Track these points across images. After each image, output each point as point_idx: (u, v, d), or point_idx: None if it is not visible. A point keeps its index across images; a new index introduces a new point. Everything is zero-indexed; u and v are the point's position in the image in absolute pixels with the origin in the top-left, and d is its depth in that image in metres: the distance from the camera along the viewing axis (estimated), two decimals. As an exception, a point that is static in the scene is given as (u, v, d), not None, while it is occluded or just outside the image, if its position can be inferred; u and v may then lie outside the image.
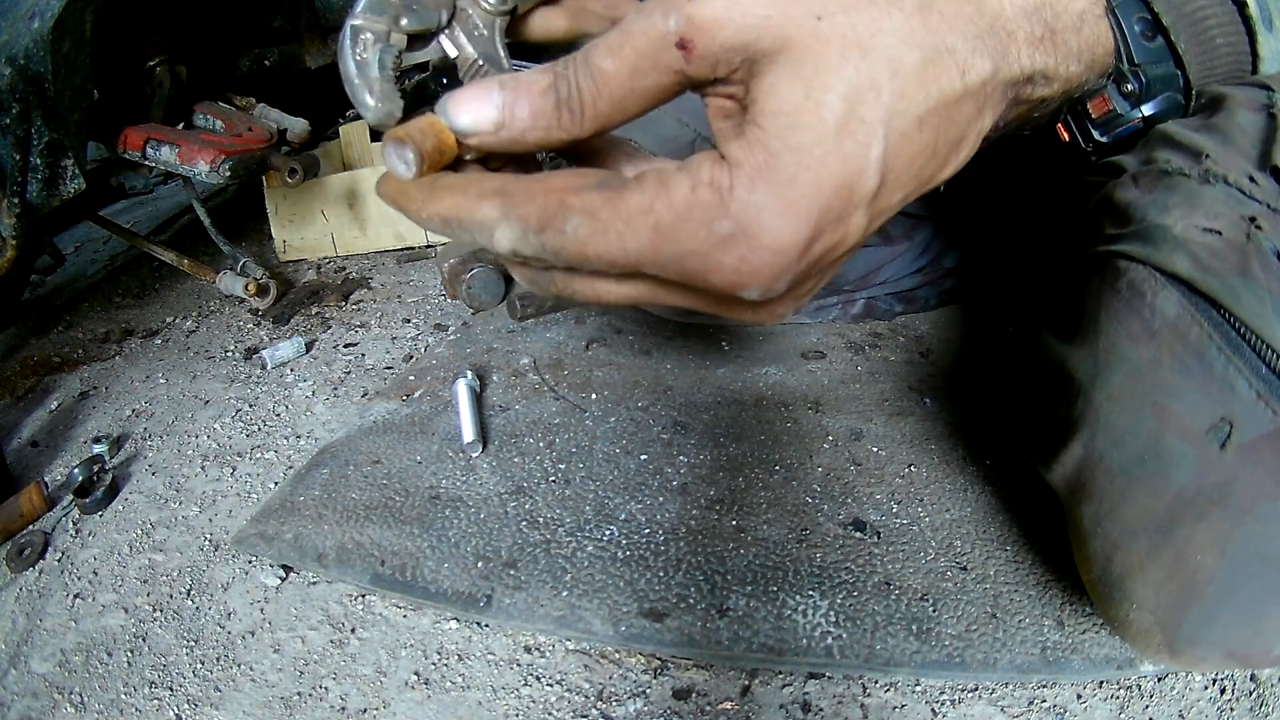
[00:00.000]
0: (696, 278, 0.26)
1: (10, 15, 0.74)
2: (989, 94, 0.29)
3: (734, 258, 0.25)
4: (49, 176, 0.77)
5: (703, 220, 0.25)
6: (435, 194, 0.28)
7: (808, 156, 0.25)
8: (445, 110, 0.28)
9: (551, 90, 0.27)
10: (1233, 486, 0.33)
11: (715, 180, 0.25)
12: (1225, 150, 0.37)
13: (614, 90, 0.27)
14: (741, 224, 0.25)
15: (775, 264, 0.26)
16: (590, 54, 0.27)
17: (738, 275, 0.26)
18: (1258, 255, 0.33)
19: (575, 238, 0.26)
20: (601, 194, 0.26)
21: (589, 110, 0.27)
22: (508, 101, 0.28)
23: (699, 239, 0.25)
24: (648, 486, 0.57)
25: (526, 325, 0.82)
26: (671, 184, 0.26)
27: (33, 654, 0.51)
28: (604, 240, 0.26)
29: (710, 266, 0.26)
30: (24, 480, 0.67)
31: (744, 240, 0.25)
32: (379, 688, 0.46)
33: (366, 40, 0.29)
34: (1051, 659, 0.43)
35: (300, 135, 1.03)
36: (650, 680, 0.46)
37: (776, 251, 0.25)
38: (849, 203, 0.26)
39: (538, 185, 0.27)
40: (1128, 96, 0.40)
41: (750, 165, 0.25)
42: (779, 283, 0.26)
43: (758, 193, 0.25)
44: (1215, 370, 0.34)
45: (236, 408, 0.76)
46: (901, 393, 0.67)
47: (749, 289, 0.26)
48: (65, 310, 1.04)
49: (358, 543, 0.54)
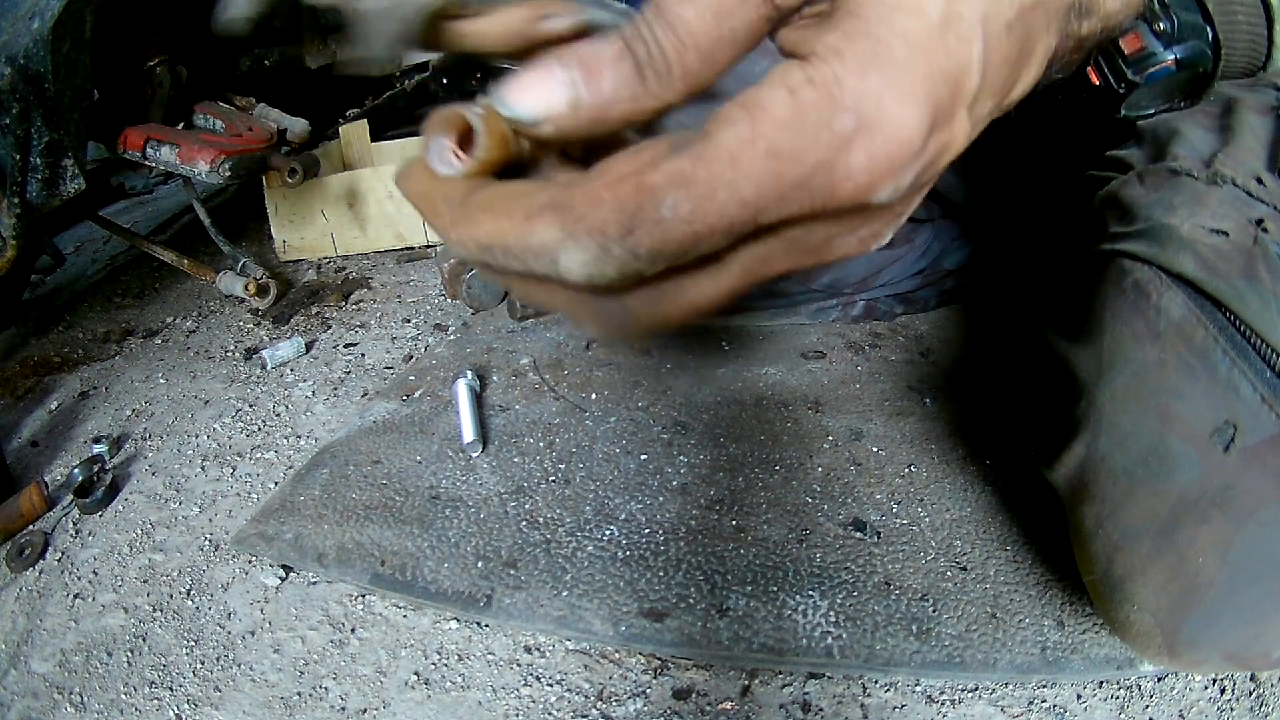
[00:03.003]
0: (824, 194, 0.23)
1: (10, 15, 0.74)
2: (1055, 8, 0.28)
3: (862, 155, 0.22)
4: (49, 176, 0.77)
5: (821, 121, 0.21)
6: (469, 214, 0.24)
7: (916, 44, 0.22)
8: (503, 100, 0.24)
9: (627, 54, 0.24)
10: (1235, 490, 0.33)
11: (816, 77, 0.22)
12: (1233, 151, 0.37)
13: (699, 40, 0.24)
14: (862, 115, 0.22)
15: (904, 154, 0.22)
16: (664, 4, 0.23)
17: (869, 175, 0.22)
18: (1264, 258, 0.33)
19: (678, 218, 0.22)
20: (685, 155, 0.22)
21: (676, 68, 0.24)
22: (579, 78, 0.24)
23: (823, 144, 0.22)
24: (648, 486, 0.57)
25: (526, 325, 0.82)
26: (764, 100, 0.22)
27: (33, 654, 0.51)
28: (715, 201, 0.22)
29: (839, 174, 0.22)
30: (24, 480, 0.67)
31: (869, 132, 0.22)
32: (379, 688, 0.46)
33: None
34: (1051, 659, 0.43)
35: (300, 135, 1.03)
36: (650, 680, 0.46)
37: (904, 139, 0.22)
38: (957, 99, 0.24)
39: (598, 184, 0.22)
40: (1160, 36, 0.39)
41: (856, 53, 0.22)
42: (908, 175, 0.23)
43: (871, 78, 0.22)
44: (1220, 373, 0.33)
45: (236, 408, 0.76)
46: (901, 393, 0.67)
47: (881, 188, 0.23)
48: (65, 310, 1.04)
49: (358, 543, 0.53)
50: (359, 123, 1.24)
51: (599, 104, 0.24)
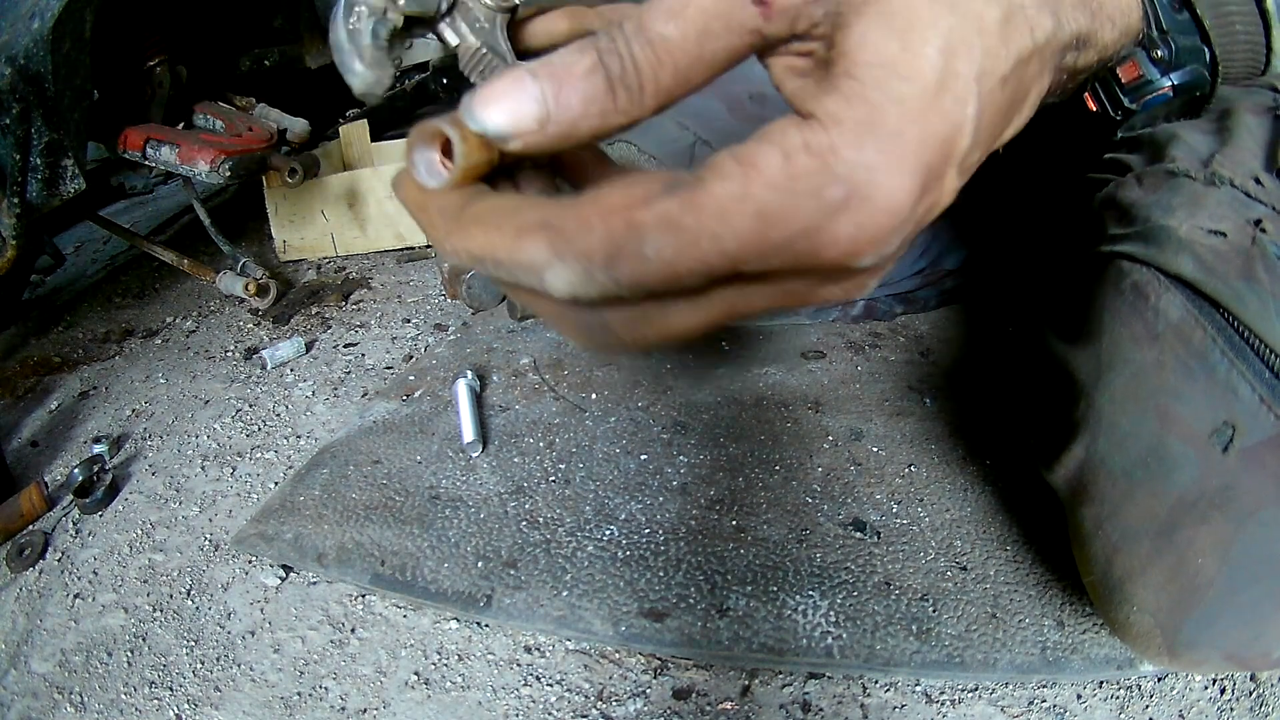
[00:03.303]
0: (808, 258, 0.23)
1: (10, 15, 0.74)
2: (1051, 53, 0.28)
3: (850, 225, 0.22)
4: (49, 176, 0.77)
5: (810, 190, 0.22)
6: (462, 227, 0.24)
7: (912, 110, 0.22)
8: (471, 111, 0.24)
9: (598, 68, 0.24)
10: (1235, 490, 0.33)
11: (812, 143, 0.22)
12: (1231, 152, 0.37)
13: (678, 59, 0.24)
14: (854, 186, 0.22)
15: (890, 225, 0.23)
16: (645, 20, 0.24)
17: (855, 244, 0.23)
18: (1262, 258, 0.33)
19: (661, 259, 0.22)
20: (674, 198, 0.22)
21: (650, 86, 0.24)
22: (548, 90, 0.23)
23: (809, 212, 0.22)
24: (648, 486, 0.57)
25: (526, 325, 0.82)
26: (759, 159, 0.22)
27: (33, 654, 0.51)
28: (697, 250, 0.22)
29: (824, 241, 0.23)
30: (24, 480, 0.67)
31: (858, 204, 0.22)
32: (379, 688, 0.46)
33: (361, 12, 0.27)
34: (1051, 659, 0.43)
35: (300, 135, 1.03)
36: (650, 680, 0.46)
37: (892, 211, 0.23)
38: (947, 161, 0.24)
39: (590, 209, 0.23)
40: (1157, 63, 0.39)
41: (852, 120, 0.22)
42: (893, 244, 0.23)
43: (866, 150, 0.22)
44: (1218, 374, 0.33)
45: (236, 408, 0.76)
46: (901, 393, 0.67)
47: (865, 256, 0.23)
48: (65, 310, 1.04)
49: (358, 543, 0.54)
50: (359, 123, 1.24)
51: (567, 120, 0.24)
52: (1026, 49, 0.26)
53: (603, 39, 0.24)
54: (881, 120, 0.22)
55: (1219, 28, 0.38)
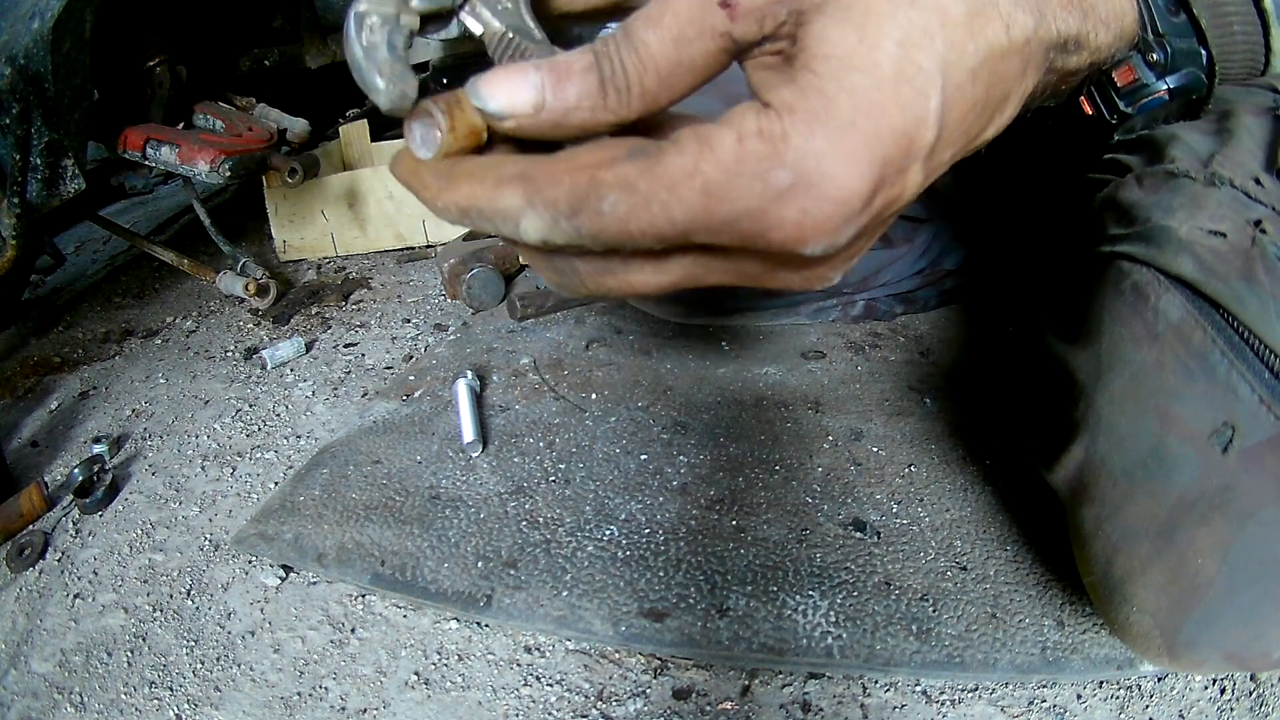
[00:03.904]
0: (754, 238, 0.24)
1: (10, 15, 0.74)
2: (1032, 52, 0.28)
3: (795, 211, 0.23)
4: (49, 176, 0.77)
5: (756, 173, 0.23)
6: (451, 181, 0.26)
7: (867, 101, 0.23)
8: (476, 91, 0.26)
9: (594, 69, 0.25)
10: (1234, 491, 0.33)
11: (765, 129, 0.23)
12: (1231, 152, 0.37)
13: (659, 64, 0.25)
14: (801, 173, 0.23)
15: (840, 214, 0.24)
16: (631, 27, 0.25)
17: (800, 230, 0.24)
18: (1262, 259, 0.33)
19: (615, 216, 0.24)
20: (636, 164, 0.24)
21: (635, 88, 0.25)
22: (547, 82, 0.25)
23: (754, 194, 0.23)
24: (648, 486, 0.57)
25: (526, 325, 0.82)
26: (714, 139, 0.24)
27: (33, 654, 0.51)
28: (648, 214, 0.24)
29: (769, 224, 0.24)
30: (24, 480, 0.67)
31: (805, 191, 0.23)
32: (379, 688, 0.46)
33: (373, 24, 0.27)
34: (1051, 659, 0.43)
35: (300, 135, 1.03)
36: (650, 680, 0.46)
37: (841, 201, 0.23)
38: (909, 153, 0.24)
39: (563, 165, 0.25)
40: (1153, 66, 0.39)
41: (805, 110, 0.23)
42: (843, 234, 0.24)
43: (816, 138, 0.23)
44: (1218, 374, 0.33)
45: (236, 408, 0.76)
46: (901, 393, 0.67)
47: (813, 244, 0.24)
48: (65, 310, 1.04)
49: (358, 543, 0.54)
50: (359, 123, 1.24)
51: (560, 110, 0.26)
52: (1000, 45, 0.26)
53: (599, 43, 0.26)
54: (834, 110, 0.23)
55: (1216, 28, 0.38)
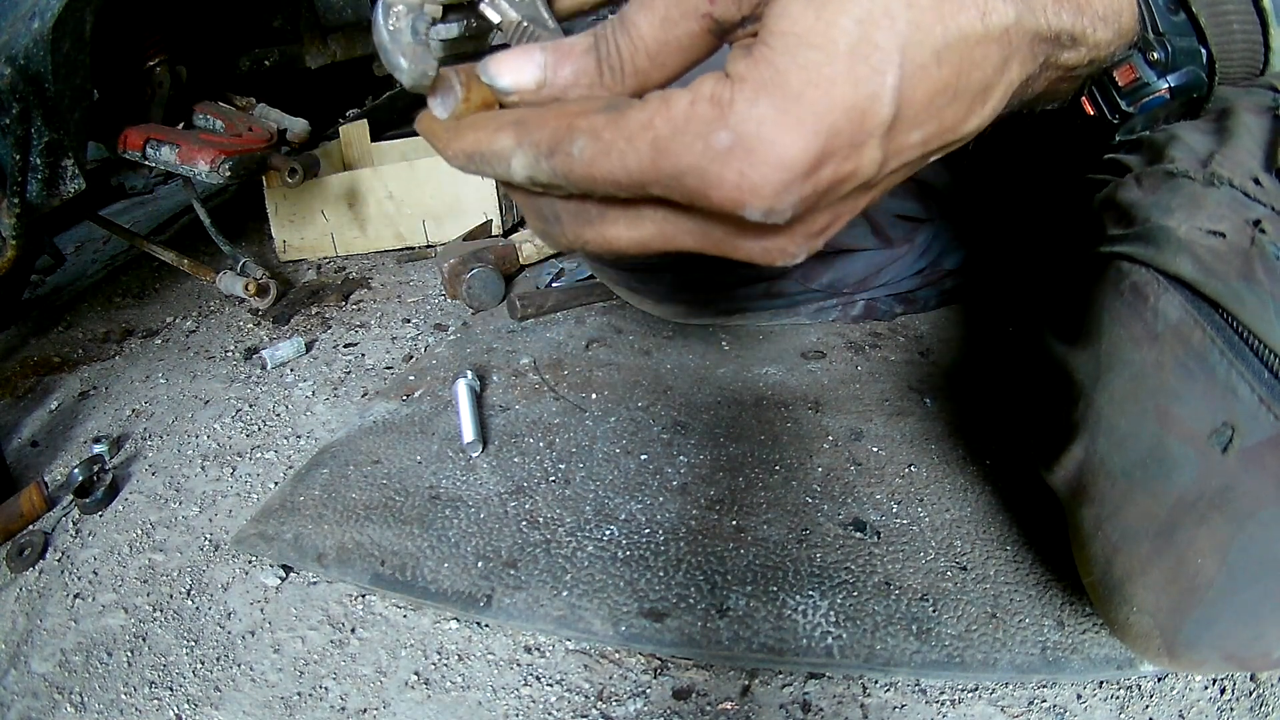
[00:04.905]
0: (697, 195, 0.26)
1: (10, 15, 0.74)
2: (1014, 43, 0.29)
3: (733, 172, 0.25)
4: (49, 176, 0.77)
5: (699, 133, 0.25)
6: (459, 131, 0.29)
7: (816, 74, 0.24)
8: (486, 70, 0.29)
9: (593, 50, 0.28)
10: (1234, 491, 0.33)
11: (716, 94, 0.25)
12: (1230, 152, 0.37)
13: (649, 45, 0.28)
14: (740, 135, 0.24)
15: (777, 179, 0.25)
16: (625, 11, 0.28)
17: (738, 191, 0.25)
18: (1261, 259, 0.33)
19: (581, 159, 0.26)
20: (606, 115, 0.26)
21: (628, 67, 0.28)
22: (550, 61, 0.28)
23: (696, 152, 0.25)
24: (648, 486, 0.57)
25: (526, 325, 0.82)
26: (672, 100, 0.26)
27: (33, 654, 0.51)
28: (607, 160, 0.26)
29: (710, 181, 0.25)
30: (24, 480, 0.67)
31: (743, 153, 0.25)
32: (379, 688, 0.46)
33: (399, 11, 0.29)
34: (1051, 659, 0.43)
35: (300, 135, 1.03)
36: (650, 680, 0.46)
37: (778, 166, 0.25)
38: (861, 129, 0.25)
39: (550, 112, 0.27)
40: (1154, 65, 0.39)
41: (754, 79, 0.25)
42: (782, 201, 0.26)
43: (759, 105, 0.25)
44: (1218, 374, 0.33)
45: (236, 408, 0.76)
46: (901, 393, 0.67)
47: (750, 206, 0.26)
48: (65, 310, 1.04)
49: (358, 543, 0.54)
50: (359, 123, 1.24)
51: (560, 86, 0.29)
52: (975, 31, 0.27)
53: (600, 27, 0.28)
54: (782, 81, 0.25)
55: (1216, 27, 0.38)
